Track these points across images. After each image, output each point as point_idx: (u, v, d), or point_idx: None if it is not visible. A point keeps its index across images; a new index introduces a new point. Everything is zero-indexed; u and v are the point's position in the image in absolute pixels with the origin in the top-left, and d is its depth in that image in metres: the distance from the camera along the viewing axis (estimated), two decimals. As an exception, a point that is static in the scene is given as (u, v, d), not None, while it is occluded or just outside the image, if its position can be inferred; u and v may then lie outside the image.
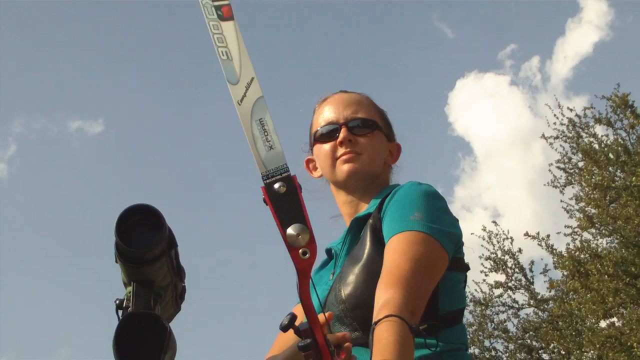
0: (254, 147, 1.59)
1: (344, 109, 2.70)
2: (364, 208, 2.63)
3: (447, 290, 2.37)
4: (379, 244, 2.37)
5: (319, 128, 2.74)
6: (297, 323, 1.67)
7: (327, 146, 2.69)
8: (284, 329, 1.66)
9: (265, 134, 1.59)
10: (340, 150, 2.65)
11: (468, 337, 12.08)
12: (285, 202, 1.56)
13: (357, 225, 2.60)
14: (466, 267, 2.49)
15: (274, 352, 2.64)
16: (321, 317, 1.69)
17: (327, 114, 2.74)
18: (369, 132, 2.67)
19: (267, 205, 1.58)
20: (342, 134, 2.64)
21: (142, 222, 2.14)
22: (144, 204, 2.15)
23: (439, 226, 2.31)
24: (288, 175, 1.58)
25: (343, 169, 2.63)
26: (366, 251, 2.41)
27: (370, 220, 2.48)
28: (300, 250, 1.54)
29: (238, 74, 1.60)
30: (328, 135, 2.69)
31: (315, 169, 2.82)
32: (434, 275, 2.25)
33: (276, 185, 1.56)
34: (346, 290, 2.39)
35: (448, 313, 2.37)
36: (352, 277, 2.40)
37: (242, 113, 1.59)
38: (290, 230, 1.53)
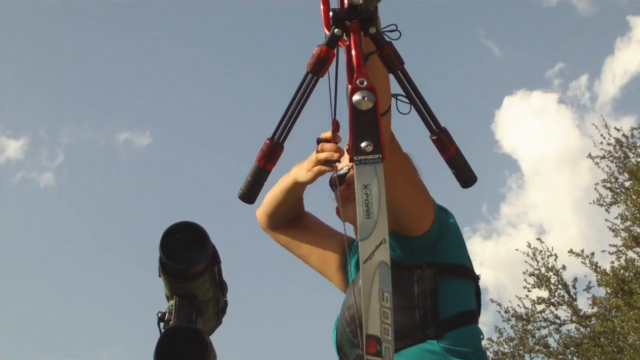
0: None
1: None
2: None
3: (447, 295, 2.44)
4: None
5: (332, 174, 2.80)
6: None
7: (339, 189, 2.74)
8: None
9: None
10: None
11: (508, 351, 11.97)
12: None
13: None
14: (471, 276, 2.60)
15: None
16: None
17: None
18: None
19: None
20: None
21: (187, 238, 2.18)
22: (189, 222, 2.20)
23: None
24: None
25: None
26: None
27: None
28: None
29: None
30: (342, 179, 2.73)
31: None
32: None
33: None
34: (350, 312, 2.43)
35: (452, 317, 2.44)
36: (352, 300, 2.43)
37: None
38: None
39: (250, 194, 1.68)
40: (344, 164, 2.77)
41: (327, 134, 2.42)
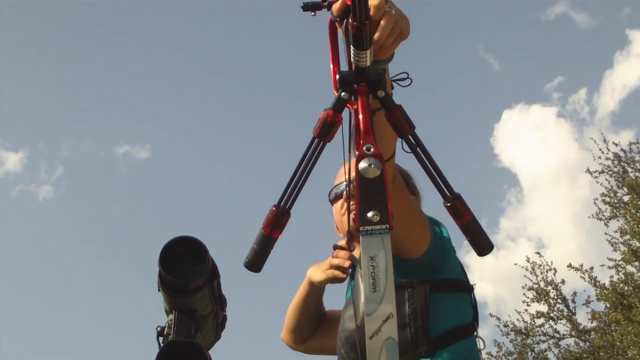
0: None
1: None
2: None
3: (439, 312, 2.45)
4: None
5: (332, 188, 2.93)
6: None
7: (338, 204, 2.89)
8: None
9: None
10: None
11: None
12: None
13: None
14: (466, 288, 2.61)
15: None
16: None
17: (340, 175, 2.91)
18: None
19: None
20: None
21: (186, 253, 2.19)
22: (188, 236, 2.20)
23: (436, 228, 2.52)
24: None
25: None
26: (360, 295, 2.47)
27: None
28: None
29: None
30: (340, 194, 2.88)
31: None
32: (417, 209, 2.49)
33: None
34: (345, 333, 2.49)
35: (445, 333, 2.45)
36: (346, 320, 2.51)
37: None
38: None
39: (256, 263, 1.64)
40: (340, 180, 2.82)
41: (343, 242, 2.72)
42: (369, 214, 1.46)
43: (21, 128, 26.79)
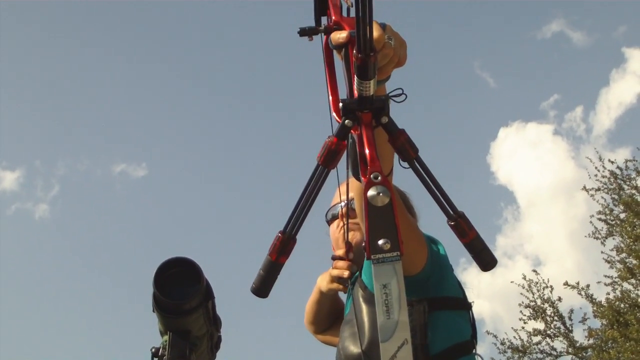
0: None
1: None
2: None
3: (438, 329, 2.45)
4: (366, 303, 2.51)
5: (328, 209, 3.02)
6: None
7: (334, 224, 2.97)
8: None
9: None
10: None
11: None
12: None
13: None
14: (464, 305, 2.62)
15: None
16: None
17: (336, 196, 2.96)
18: None
19: None
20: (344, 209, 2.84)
21: (180, 274, 2.17)
22: (183, 257, 2.18)
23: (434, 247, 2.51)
24: None
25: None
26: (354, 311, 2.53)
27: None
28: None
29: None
30: (336, 215, 2.97)
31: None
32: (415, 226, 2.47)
33: None
34: (345, 351, 2.51)
35: (444, 351, 2.45)
36: (346, 338, 2.54)
37: None
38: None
39: (263, 289, 1.62)
40: (336, 201, 2.82)
41: (341, 252, 2.79)
42: (380, 242, 1.45)
43: (17, 146, 26.82)
